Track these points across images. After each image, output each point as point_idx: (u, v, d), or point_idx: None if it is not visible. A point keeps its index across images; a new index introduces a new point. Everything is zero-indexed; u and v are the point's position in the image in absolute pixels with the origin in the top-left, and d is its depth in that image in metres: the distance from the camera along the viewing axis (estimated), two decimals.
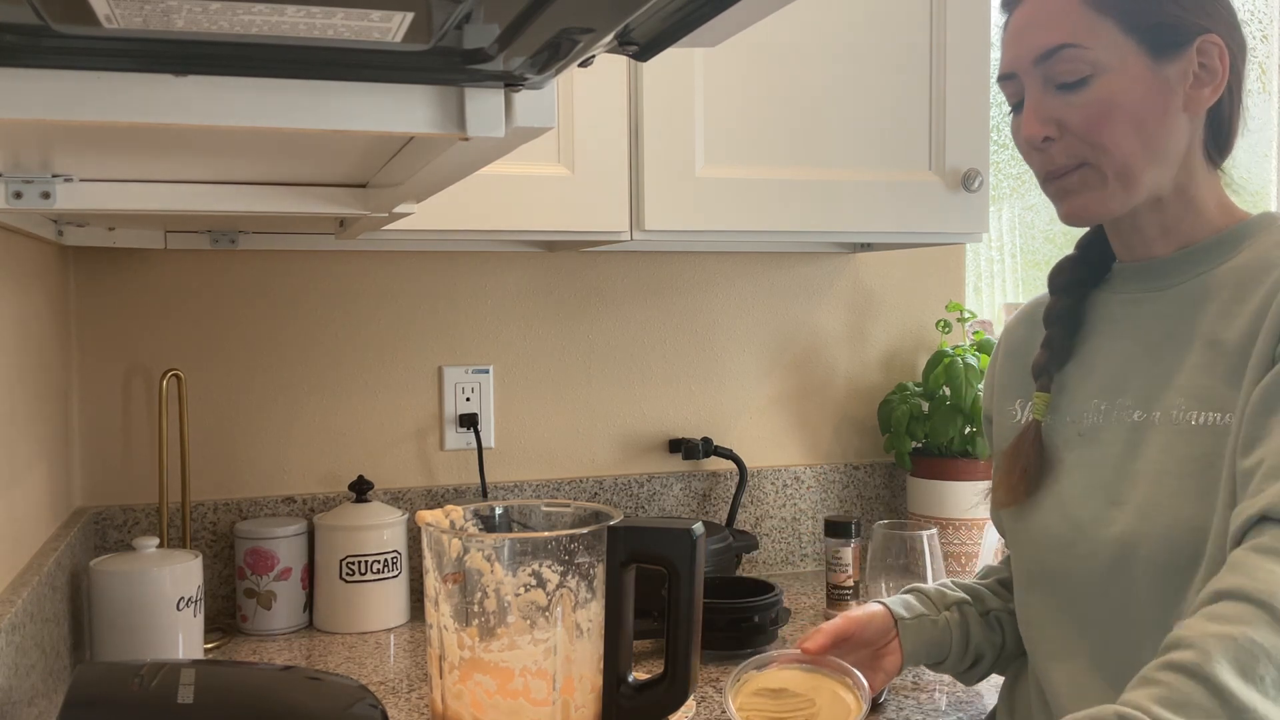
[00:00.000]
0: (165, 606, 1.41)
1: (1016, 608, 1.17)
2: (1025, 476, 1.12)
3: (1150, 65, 1.02)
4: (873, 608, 1.19)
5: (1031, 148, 1.07)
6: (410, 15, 0.51)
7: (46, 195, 0.93)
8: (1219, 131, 1.08)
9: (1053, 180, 1.08)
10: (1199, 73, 1.03)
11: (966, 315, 2.05)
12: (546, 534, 1.03)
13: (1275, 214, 1.07)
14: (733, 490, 1.96)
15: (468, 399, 1.85)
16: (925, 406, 1.95)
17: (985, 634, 1.21)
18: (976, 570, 1.41)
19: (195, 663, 1.12)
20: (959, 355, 1.92)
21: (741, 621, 1.52)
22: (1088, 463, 1.08)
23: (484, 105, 0.66)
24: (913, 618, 1.18)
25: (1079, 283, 1.16)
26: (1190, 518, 0.97)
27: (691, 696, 1.14)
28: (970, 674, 1.23)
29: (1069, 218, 1.09)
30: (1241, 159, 1.12)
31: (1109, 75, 1.02)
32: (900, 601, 1.21)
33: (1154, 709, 0.80)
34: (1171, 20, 1.02)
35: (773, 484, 2.00)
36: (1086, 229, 1.18)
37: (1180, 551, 0.97)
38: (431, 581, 1.04)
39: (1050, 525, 1.10)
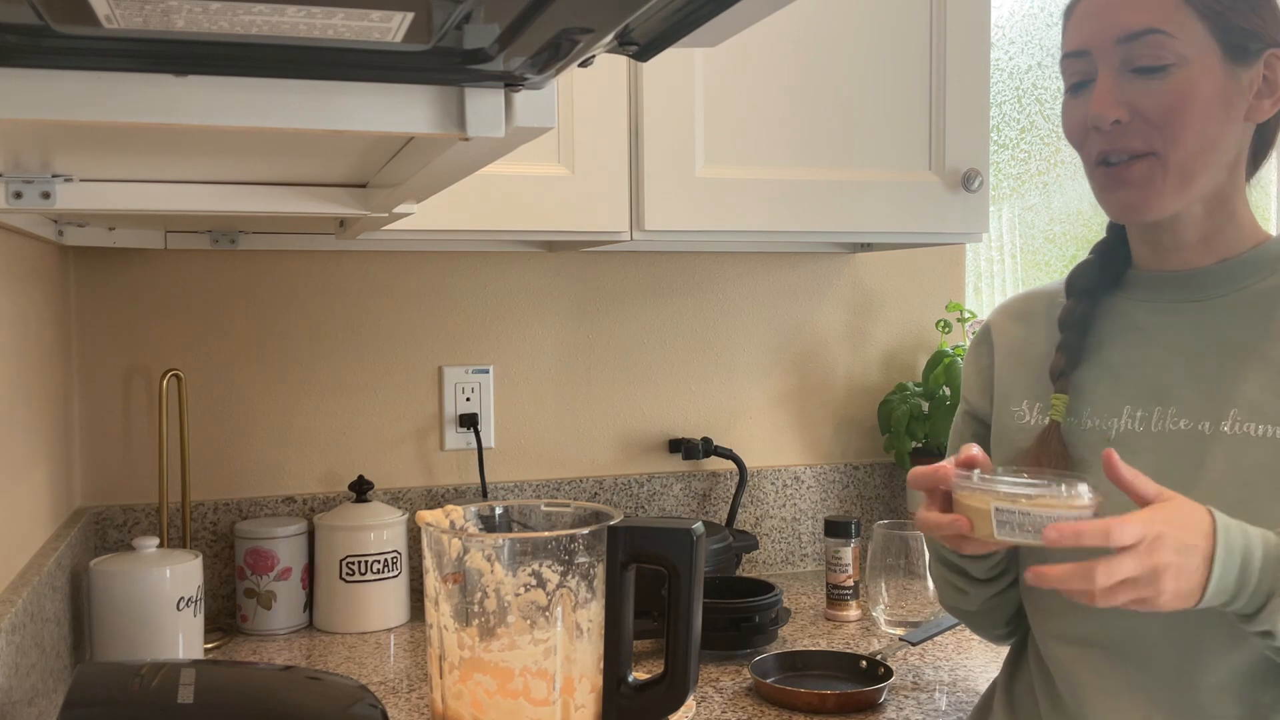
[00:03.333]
0: (165, 606, 1.41)
1: (1025, 594, 1.16)
2: None
3: (1225, 67, 1.02)
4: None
5: (1094, 129, 1.05)
6: (410, 15, 0.51)
7: (46, 195, 0.93)
8: (1260, 146, 1.09)
9: (1110, 167, 1.06)
10: (1262, 85, 1.04)
11: (966, 315, 2.05)
12: (546, 534, 1.03)
13: None
14: (733, 490, 1.96)
15: (468, 399, 1.85)
16: (925, 406, 1.95)
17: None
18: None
19: (195, 663, 1.12)
20: (959, 355, 1.92)
21: (741, 621, 1.52)
22: None
23: (484, 105, 0.66)
24: None
25: (1098, 287, 1.15)
26: (1257, 524, 0.97)
27: (691, 696, 1.14)
28: (1002, 630, 1.22)
29: (1122, 209, 1.07)
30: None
31: (1189, 68, 1.02)
32: None
33: None
34: (1251, 27, 1.03)
35: (773, 484, 2.00)
36: (1101, 237, 1.17)
37: None
38: (431, 581, 1.04)
39: None
